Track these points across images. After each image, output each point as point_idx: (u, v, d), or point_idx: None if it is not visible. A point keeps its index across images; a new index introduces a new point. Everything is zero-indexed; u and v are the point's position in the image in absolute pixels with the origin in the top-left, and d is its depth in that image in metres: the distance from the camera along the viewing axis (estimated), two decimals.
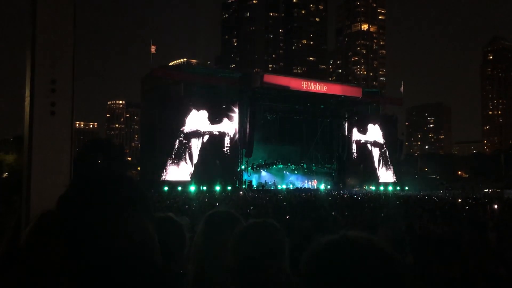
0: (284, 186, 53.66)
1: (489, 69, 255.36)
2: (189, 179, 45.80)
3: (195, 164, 47.25)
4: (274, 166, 54.80)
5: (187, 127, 47.15)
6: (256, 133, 50.64)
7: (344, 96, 56.46)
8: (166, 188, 40.71)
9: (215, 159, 48.01)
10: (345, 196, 36.61)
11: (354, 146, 58.24)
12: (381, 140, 60.27)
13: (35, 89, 2.25)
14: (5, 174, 62.40)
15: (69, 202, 1.26)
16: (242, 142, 49.98)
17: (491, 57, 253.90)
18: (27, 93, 2.28)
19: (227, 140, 48.57)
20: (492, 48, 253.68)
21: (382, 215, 17.86)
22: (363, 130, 58.95)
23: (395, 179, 59.81)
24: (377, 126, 59.81)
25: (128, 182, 1.29)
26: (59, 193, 2.42)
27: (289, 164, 56.22)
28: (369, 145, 59.97)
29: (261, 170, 54.69)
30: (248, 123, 50.35)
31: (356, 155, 58.45)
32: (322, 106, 56.74)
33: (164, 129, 46.12)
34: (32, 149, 2.28)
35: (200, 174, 46.73)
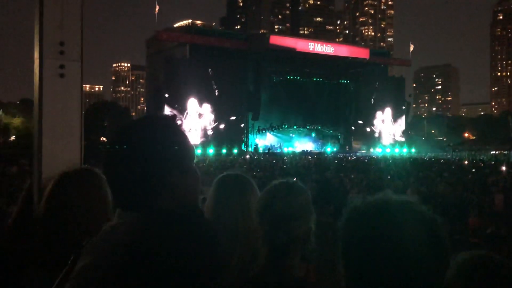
0: (290, 149, 53.80)
1: (498, 30, 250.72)
2: (197, 143, 45.99)
3: (203, 128, 47.38)
4: (281, 128, 54.79)
5: (193, 90, 47.01)
6: (263, 96, 50.43)
7: (351, 57, 55.91)
8: None
9: (222, 122, 48.09)
10: (351, 158, 36.72)
11: (360, 109, 57.99)
12: (388, 102, 59.94)
13: (44, 52, 2.24)
14: (12, 137, 62.81)
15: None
16: (248, 105, 49.85)
17: (500, 17, 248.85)
18: (36, 55, 2.27)
19: (233, 103, 48.44)
20: (502, 8, 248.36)
21: (389, 177, 17.98)
22: (371, 92, 58.57)
23: (402, 141, 59.80)
24: (384, 87, 59.38)
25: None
26: (70, 155, 2.47)
27: (295, 127, 56.18)
28: (376, 107, 59.70)
29: (268, 132, 54.74)
30: (254, 85, 50.09)
31: (362, 117, 58.27)
32: (329, 68, 56.23)
33: (170, 93, 46.02)
34: (43, 112, 2.28)
35: (207, 137, 46.91)
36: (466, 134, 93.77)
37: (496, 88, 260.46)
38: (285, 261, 1.77)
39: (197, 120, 47.12)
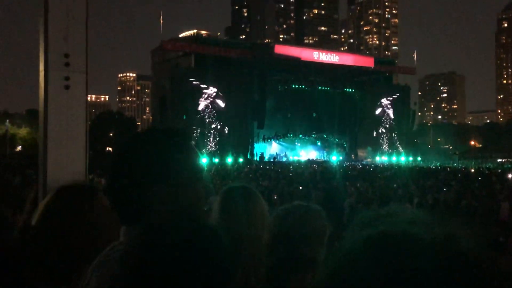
0: (295, 158, 53.67)
1: (503, 37, 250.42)
2: (202, 151, 46.05)
3: (208, 137, 47.42)
4: (286, 137, 54.75)
5: (199, 102, 47.30)
6: (268, 105, 50.48)
7: (356, 66, 55.95)
8: None
9: (227, 132, 48.15)
10: (357, 167, 36.61)
11: (366, 117, 57.90)
12: (394, 111, 59.86)
13: (49, 64, 2.26)
14: (19, 148, 63.12)
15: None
16: (253, 114, 49.92)
17: (505, 25, 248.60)
18: (41, 67, 2.29)
19: (238, 112, 48.45)
20: (506, 16, 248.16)
21: (395, 185, 17.91)
22: (376, 101, 58.49)
23: (407, 150, 59.60)
24: (389, 96, 59.30)
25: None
26: (75, 166, 2.48)
27: (301, 136, 56.15)
28: (381, 116, 59.61)
29: (273, 141, 54.63)
30: (259, 94, 50.16)
31: (368, 125, 58.17)
32: (334, 76, 56.22)
33: (175, 102, 46.16)
34: (48, 123, 2.29)
35: (212, 146, 46.98)
36: (472, 142, 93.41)
37: (502, 96, 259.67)
38: (291, 283, 1.74)
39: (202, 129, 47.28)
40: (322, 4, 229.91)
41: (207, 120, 48.16)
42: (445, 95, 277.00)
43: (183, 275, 1.00)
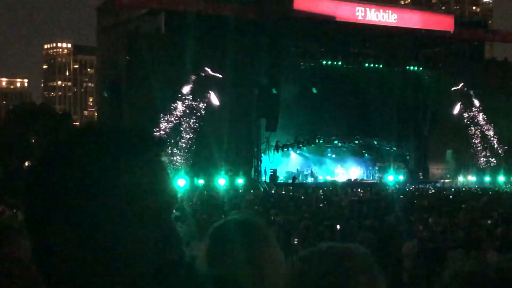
0: (328, 178, 53.50)
1: None
2: (179, 167, 45.91)
3: (187, 145, 47.34)
4: (313, 145, 54.76)
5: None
6: (283, 93, 50.41)
7: (425, 30, 55.80)
8: None
9: (218, 137, 47.99)
10: (429, 192, 36.37)
11: (441, 112, 57.74)
12: (488, 100, 59.47)
13: None
14: None
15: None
16: (260, 107, 49.94)
17: None
18: None
19: (236, 106, 48.43)
20: None
21: (489, 222, 17.82)
22: (458, 85, 58.28)
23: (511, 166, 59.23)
24: (479, 76, 59.02)
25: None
26: None
27: (336, 142, 56.32)
28: (468, 111, 59.30)
29: (291, 151, 54.63)
30: (270, 76, 50.13)
31: (445, 126, 57.99)
32: (389, 48, 56.21)
33: (134, 90, 46.19)
34: None
35: (195, 160, 46.96)
36: None
37: None
38: None
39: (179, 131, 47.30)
40: None
41: (187, 119, 48.18)
42: None
43: None
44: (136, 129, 1.44)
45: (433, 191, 38.01)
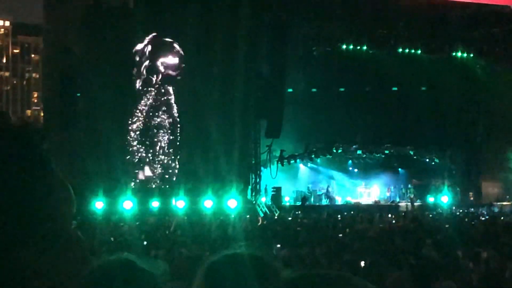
0: (349, 199, 53.58)
1: None
2: (152, 185, 45.97)
3: (162, 155, 47.38)
4: (328, 155, 54.94)
5: (140, 77, 47.21)
6: (290, 87, 50.46)
7: (477, 4, 55.91)
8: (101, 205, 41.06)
9: (204, 144, 48.04)
10: (482, 217, 36.34)
11: (500, 111, 57.73)
12: None
13: None
14: None
15: None
16: (260, 106, 50.09)
17: None
18: None
19: (227, 102, 48.48)
20: None
21: None
22: None
23: None
24: None
25: None
26: None
27: (360, 152, 56.59)
28: None
29: (300, 164, 54.74)
30: (272, 64, 50.20)
31: (505, 131, 57.99)
32: (429, 28, 56.26)
33: (97, 81, 46.17)
34: None
35: (171, 172, 46.97)
36: None
37: None
38: None
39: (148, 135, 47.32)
40: None
41: (156, 119, 48.26)
42: None
43: None
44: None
45: (487, 218, 37.91)
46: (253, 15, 49.45)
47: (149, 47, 47.98)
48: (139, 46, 47.70)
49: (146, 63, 47.88)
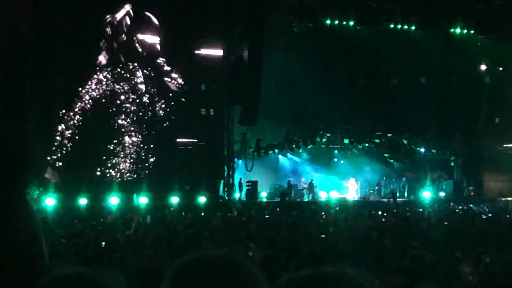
0: (334, 194, 53.74)
1: None
2: (112, 179, 45.88)
3: (123, 146, 47.27)
4: (311, 145, 55.03)
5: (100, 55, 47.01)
6: (268, 68, 50.43)
7: None
8: (53, 204, 40.93)
9: (172, 135, 47.98)
10: (484, 215, 36.41)
11: (506, 97, 57.92)
12: None
13: None
14: None
15: None
16: (233, 90, 50.07)
17: None
18: None
19: (197, 86, 48.47)
20: None
21: None
22: None
23: None
24: None
25: None
26: None
27: (346, 140, 56.75)
28: None
29: (279, 154, 54.82)
30: (248, 43, 50.22)
31: (509, 119, 58.23)
32: (424, 2, 56.31)
33: (48, 69, 45.99)
34: None
35: (139, 167, 46.91)
36: None
37: None
38: None
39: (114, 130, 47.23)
40: None
41: (120, 106, 48.14)
42: None
43: None
44: None
45: (490, 214, 38.05)
46: None
47: (127, 19, 47.75)
48: (112, 17, 47.35)
49: (120, 37, 47.70)
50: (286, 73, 52.40)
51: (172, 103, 47.73)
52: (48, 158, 43.70)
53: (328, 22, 54.01)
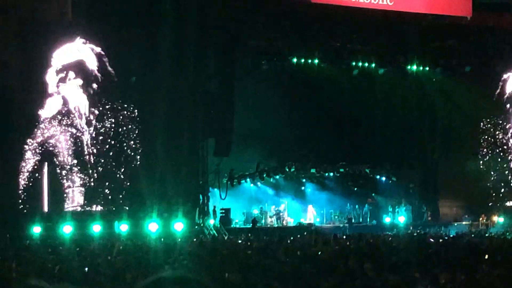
0: (302, 220, 53.44)
1: None
2: (91, 208, 45.48)
3: (99, 173, 46.83)
4: (280, 174, 54.99)
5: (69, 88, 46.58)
6: (238, 102, 50.24)
7: (432, 16, 56.19)
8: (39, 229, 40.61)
9: (149, 164, 47.66)
10: (442, 240, 36.31)
11: (458, 126, 57.93)
12: None
13: None
14: None
15: None
16: (207, 124, 49.91)
17: None
18: None
19: (172, 118, 48.15)
20: None
21: None
22: (482, 88, 58.53)
23: None
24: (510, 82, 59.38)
25: None
26: None
27: (313, 170, 56.64)
28: (496, 121, 59.56)
29: (252, 184, 55.04)
30: (220, 79, 50.01)
31: (463, 148, 58.26)
32: (385, 41, 56.36)
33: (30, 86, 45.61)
34: None
35: (116, 194, 46.49)
36: None
37: None
38: None
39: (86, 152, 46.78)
40: None
41: (104, 136, 47.72)
42: None
43: None
44: None
45: (446, 238, 38.00)
46: (200, 31, 49.33)
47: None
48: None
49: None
50: (257, 108, 52.37)
51: (151, 136, 47.49)
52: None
53: (295, 60, 54.02)
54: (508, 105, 58.88)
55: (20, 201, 44.59)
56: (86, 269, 22.17)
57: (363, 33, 55.32)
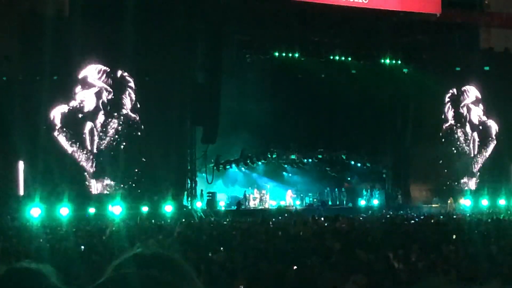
0: (284, 202, 53.74)
1: None
2: (90, 191, 45.56)
3: (97, 160, 46.78)
4: (263, 161, 55.25)
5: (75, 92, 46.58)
6: (225, 94, 50.27)
7: (404, 13, 56.12)
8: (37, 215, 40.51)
9: (141, 151, 47.71)
10: (413, 222, 36.42)
11: (427, 117, 58.15)
12: (482, 102, 60.14)
13: None
14: None
15: None
16: (195, 113, 49.98)
17: None
18: None
19: (163, 108, 48.17)
20: None
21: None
22: (447, 83, 58.80)
23: None
24: (475, 76, 59.57)
25: None
26: None
27: (293, 156, 56.73)
28: (459, 113, 59.87)
29: (237, 169, 55.16)
30: (207, 72, 50.07)
31: (432, 135, 58.44)
32: (360, 36, 56.33)
33: (27, 90, 45.44)
34: None
35: (110, 183, 46.55)
36: None
37: None
38: None
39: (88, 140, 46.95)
40: None
41: (99, 131, 47.78)
42: None
43: None
44: None
45: (416, 220, 38.07)
46: (188, 23, 49.32)
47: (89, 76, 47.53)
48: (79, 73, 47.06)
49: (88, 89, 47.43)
50: (242, 98, 52.41)
51: (143, 125, 47.55)
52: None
53: (277, 54, 53.97)
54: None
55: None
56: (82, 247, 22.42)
57: (340, 29, 55.29)
